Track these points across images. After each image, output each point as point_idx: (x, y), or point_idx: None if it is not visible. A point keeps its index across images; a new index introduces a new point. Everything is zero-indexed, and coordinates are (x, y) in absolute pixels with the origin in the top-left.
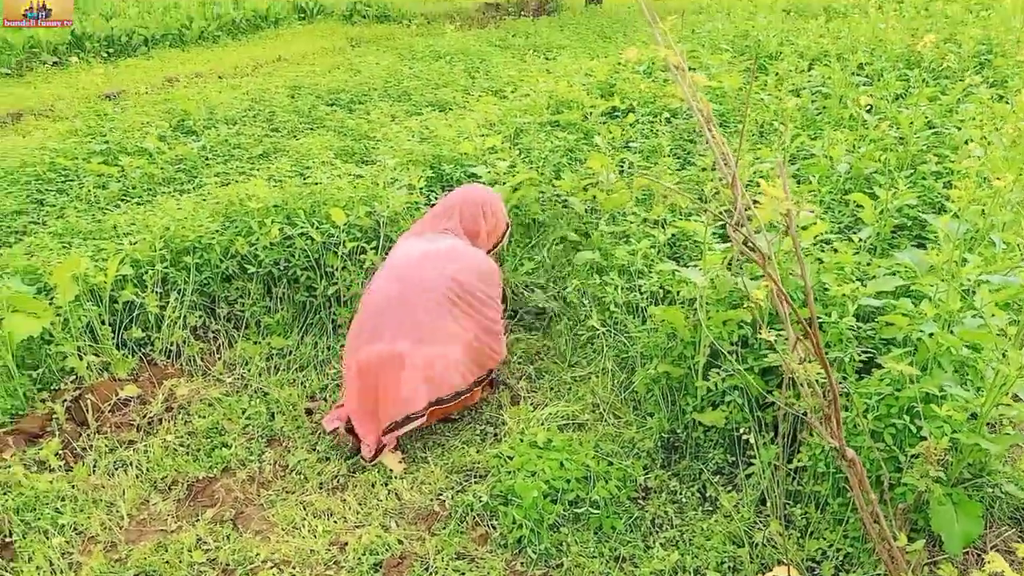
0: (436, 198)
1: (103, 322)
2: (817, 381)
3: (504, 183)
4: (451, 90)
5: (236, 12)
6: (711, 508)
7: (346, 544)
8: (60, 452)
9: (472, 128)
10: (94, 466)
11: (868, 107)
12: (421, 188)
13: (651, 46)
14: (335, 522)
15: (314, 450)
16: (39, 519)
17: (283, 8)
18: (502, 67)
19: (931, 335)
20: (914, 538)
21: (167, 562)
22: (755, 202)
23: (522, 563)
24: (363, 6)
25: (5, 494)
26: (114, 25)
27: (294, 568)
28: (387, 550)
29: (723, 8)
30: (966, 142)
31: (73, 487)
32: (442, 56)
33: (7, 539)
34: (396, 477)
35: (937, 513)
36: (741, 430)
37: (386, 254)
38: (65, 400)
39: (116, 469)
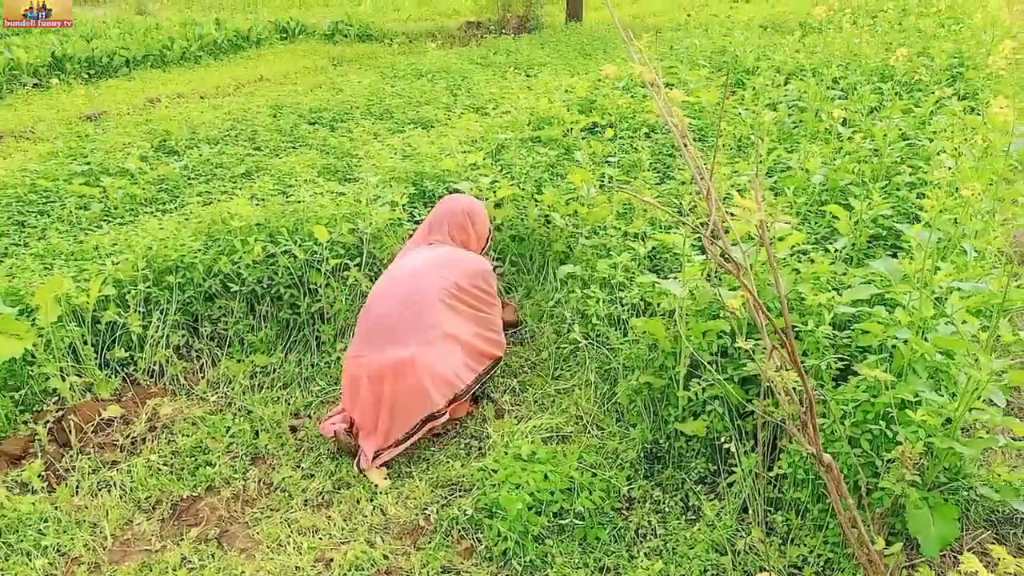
0: (419, 214)
1: (85, 342)
2: (794, 389)
3: (487, 199)
4: (433, 108)
5: (218, 33)
6: (694, 517)
7: (332, 560)
8: (43, 473)
9: (454, 145)
10: (77, 487)
11: (843, 120)
12: (404, 205)
13: (630, 63)
14: (320, 539)
15: (299, 467)
16: (22, 541)
17: (264, 28)
18: (483, 84)
19: (905, 342)
20: (892, 542)
21: None
22: (731, 214)
23: (507, 575)
24: (345, 25)
25: None
26: (95, 46)
27: None
28: (372, 566)
29: (701, 25)
30: (938, 153)
31: (56, 508)
32: (424, 74)
33: None
34: (381, 492)
35: (914, 516)
36: (722, 439)
37: (370, 271)
38: (48, 421)
39: (99, 489)
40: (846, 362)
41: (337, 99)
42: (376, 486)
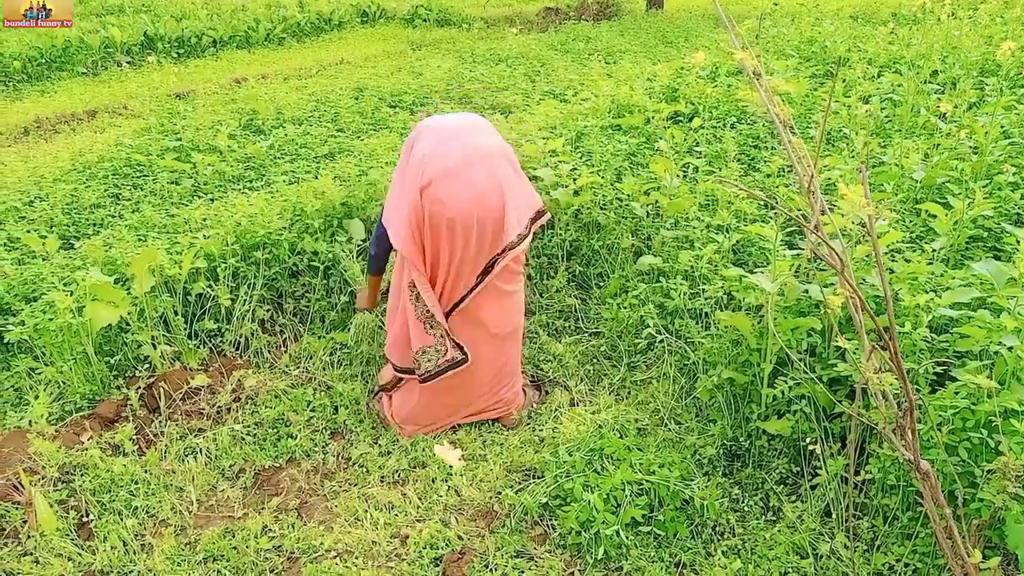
0: None
1: (176, 313)
2: (892, 392)
3: (566, 186)
4: (511, 93)
5: (301, 15)
6: (774, 518)
7: (407, 537)
8: (134, 437)
9: (534, 131)
10: (165, 452)
11: (942, 115)
12: None
13: (715, 50)
14: (396, 515)
15: (376, 444)
16: (114, 501)
17: (346, 11)
18: (563, 71)
19: (1010, 349)
20: (989, 555)
21: (234, 547)
22: (831, 208)
23: (581, 564)
24: (424, 10)
25: (83, 476)
26: (185, 26)
27: (357, 558)
28: (447, 545)
29: (788, 14)
30: None
31: (146, 471)
32: (503, 59)
33: (85, 519)
34: (456, 473)
35: (1014, 531)
36: (807, 440)
37: None
38: (139, 387)
39: (186, 455)
40: (943, 367)
41: (417, 83)
42: (450, 466)
